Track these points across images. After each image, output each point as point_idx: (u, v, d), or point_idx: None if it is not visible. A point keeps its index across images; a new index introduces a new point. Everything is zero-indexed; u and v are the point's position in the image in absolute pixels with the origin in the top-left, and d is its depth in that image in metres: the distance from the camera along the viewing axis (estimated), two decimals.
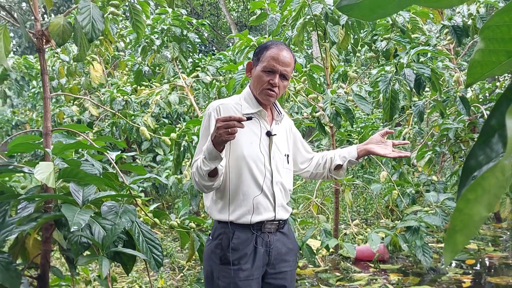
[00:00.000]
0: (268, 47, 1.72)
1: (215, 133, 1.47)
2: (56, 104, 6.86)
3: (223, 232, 1.68)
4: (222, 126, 1.44)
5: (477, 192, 0.33)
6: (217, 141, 1.49)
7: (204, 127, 1.71)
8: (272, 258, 1.72)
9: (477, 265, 3.97)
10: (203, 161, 1.54)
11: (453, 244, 0.34)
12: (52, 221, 1.76)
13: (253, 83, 1.74)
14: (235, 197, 1.67)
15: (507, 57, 0.51)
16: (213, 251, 1.68)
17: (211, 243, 1.72)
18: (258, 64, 1.72)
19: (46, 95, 2.03)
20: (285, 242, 1.77)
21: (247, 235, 1.67)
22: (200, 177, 1.58)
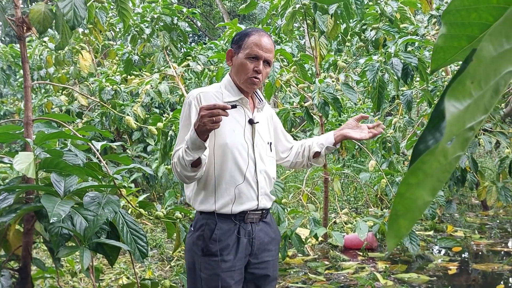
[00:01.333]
0: (249, 33, 1.69)
1: (199, 122, 1.43)
2: (44, 94, 6.79)
3: (205, 223, 1.66)
4: (206, 114, 1.41)
5: (418, 176, 0.32)
6: (201, 130, 1.45)
7: (184, 117, 1.68)
8: (255, 248, 1.71)
9: (463, 253, 4.01)
10: (186, 151, 1.50)
11: (396, 229, 0.34)
12: (33, 212, 1.75)
13: (236, 70, 1.71)
14: (218, 187, 1.65)
15: (468, 42, 0.50)
16: (195, 243, 1.66)
17: (192, 234, 1.70)
18: (240, 51, 1.69)
19: (26, 84, 2.00)
20: (267, 231, 1.76)
21: (230, 226, 1.66)
22: (182, 167, 1.54)
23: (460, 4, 0.48)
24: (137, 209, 2.25)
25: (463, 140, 0.33)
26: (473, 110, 0.32)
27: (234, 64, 1.72)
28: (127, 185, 2.79)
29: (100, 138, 5.53)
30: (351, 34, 4.23)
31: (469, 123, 0.33)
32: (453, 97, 0.31)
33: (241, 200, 1.66)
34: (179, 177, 1.60)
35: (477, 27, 0.49)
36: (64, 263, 2.94)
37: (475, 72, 0.31)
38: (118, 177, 2.05)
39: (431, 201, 0.33)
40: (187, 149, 1.50)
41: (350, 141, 4.71)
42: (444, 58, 0.54)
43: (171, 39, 5.48)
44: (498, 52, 0.31)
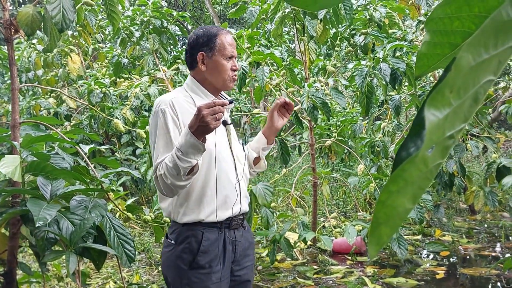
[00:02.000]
0: (218, 34, 1.66)
1: (199, 123, 1.38)
2: (32, 96, 6.73)
3: (190, 234, 1.59)
4: (208, 113, 1.37)
5: (399, 184, 0.32)
6: (201, 131, 1.40)
7: (159, 126, 1.57)
8: (237, 255, 1.69)
9: (451, 257, 4.04)
10: (181, 158, 1.42)
11: (378, 236, 0.34)
12: (19, 216, 1.73)
13: (213, 72, 1.66)
14: (203, 194, 1.60)
15: (451, 49, 0.51)
16: (179, 256, 1.59)
17: (175, 248, 1.61)
18: (214, 53, 1.65)
19: (14, 86, 1.98)
20: (247, 236, 1.75)
21: (216, 235, 1.61)
22: (174, 177, 1.45)
23: (442, 12, 0.49)
24: (125, 213, 2.24)
25: (443, 148, 0.33)
26: (452, 118, 0.33)
27: (210, 67, 1.66)
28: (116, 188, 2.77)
29: (88, 141, 5.49)
30: (340, 39, 4.26)
31: (449, 132, 0.33)
32: (433, 106, 0.31)
33: (227, 206, 1.64)
34: (167, 189, 1.50)
35: (460, 35, 0.50)
36: (50, 267, 2.91)
37: (454, 81, 0.31)
38: (105, 181, 2.03)
39: (412, 209, 0.33)
40: (183, 156, 1.42)
41: (339, 145, 4.73)
42: (427, 65, 0.55)
43: (161, 42, 5.47)
44: (477, 62, 0.32)
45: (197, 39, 1.68)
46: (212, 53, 1.65)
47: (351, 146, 5.49)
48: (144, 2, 5.57)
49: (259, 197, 3.25)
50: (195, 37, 1.69)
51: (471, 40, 0.32)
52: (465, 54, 0.32)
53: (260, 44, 5.12)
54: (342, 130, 5.17)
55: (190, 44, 1.69)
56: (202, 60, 1.67)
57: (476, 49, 0.32)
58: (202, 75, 1.69)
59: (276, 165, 8.74)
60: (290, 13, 3.59)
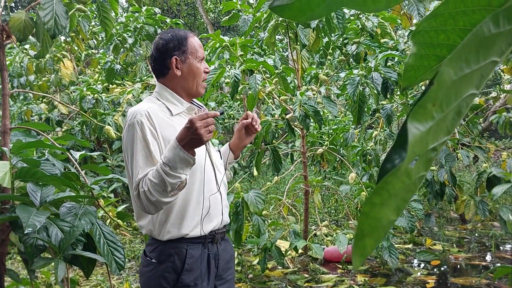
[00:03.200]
0: (187, 37, 1.61)
1: (192, 135, 1.33)
2: (23, 101, 6.69)
3: (173, 252, 1.51)
4: (202, 125, 1.33)
5: (382, 196, 0.32)
6: (192, 145, 1.36)
7: (138, 139, 1.46)
8: (220, 270, 1.64)
9: (442, 266, 4.05)
10: (169, 174, 1.34)
11: (362, 248, 0.34)
12: (8, 222, 1.71)
13: (188, 78, 1.60)
14: (185, 207, 1.52)
15: (437, 62, 0.52)
16: (162, 276, 1.50)
17: (157, 267, 1.52)
18: (188, 56, 1.59)
19: (5, 92, 1.98)
20: (227, 249, 1.70)
21: (199, 251, 1.55)
22: (160, 193, 1.37)
23: (428, 25, 0.50)
24: (115, 220, 2.23)
25: (426, 160, 0.34)
26: (435, 131, 0.33)
27: (185, 72, 1.60)
28: (106, 195, 2.76)
29: (79, 147, 5.46)
30: (332, 47, 4.29)
31: (432, 144, 0.34)
32: (415, 119, 0.32)
33: (210, 218, 1.58)
34: (151, 207, 1.41)
35: (446, 47, 0.51)
36: (39, 274, 2.88)
37: (436, 95, 0.32)
38: (96, 187, 2.02)
39: (395, 220, 0.34)
40: (171, 171, 1.34)
41: (331, 153, 4.75)
42: (414, 76, 0.56)
43: None
44: (459, 76, 0.33)
45: (167, 43, 1.59)
46: (185, 57, 1.58)
47: (343, 154, 5.50)
48: (137, 9, 5.59)
49: (251, 205, 3.24)
50: (164, 42, 1.59)
51: (453, 55, 0.32)
52: (447, 68, 0.32)
53: (254, 52, 5.14)
54: (334, 138, 5.19)
55: (160, 50, 1.59)
56: (176, 65, 1.59)
57: (457, 64, 0.32)
58: (174, 81, 1.61)
59: (268, 173, 8.74)
60: (283, 22, 3.61)
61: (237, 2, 3.95)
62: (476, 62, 0.33)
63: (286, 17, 0.50)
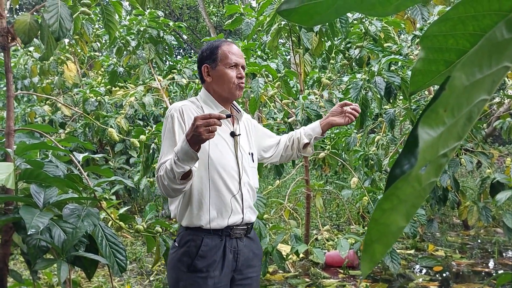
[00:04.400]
0: (219, 45, 1.75)
1: (193, 132, 1.43)
2: (27, 103, 6.71)
3: (191, 239, 1.65)
4: (202, 124, 1.41)
5: (392, 202, 0.32)
6: (195, 141, 1.45)
7: (167, 130, 1.67)
8: (239, 264, 1.71)
9: (444, 272, 4.03)
10: (176, 163, 1.48)
11: (371, 254, 0.34)
12: (11, 223, 1.71)
13: (219, 82, 1.74)
14: (203, 201, 1.64)
15: (446, 66, 0.52)
16: (180, 259, 1.64)
17: (177, 250, 1.67)
18: (218, 63, 1.73)
19: (9, 93, 1.98)
20: (251, 247, 1.77)
21: (216, 242, 1.65)
22: (170, 180, 1.52)
23: (437, 30, 0.49)
24: (117, 222, 2.22)
25: (436, 166, 0.34)
26: (446, 137, 0.33)
27: (214, 78, 1.75)
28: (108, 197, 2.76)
29: (82, 149, 5.47)
30: (335, 51, 4.29)
31: (443, 150, 0.33)
32: (427, 124, 0.31)
33: (227, 214, 1.66)
34: (165, 190, 1.57)
35: (455, 52, 0.51)
36: (41, 275, 2.87)
37: (448, 100, 0.32)
38: (98, 189, 2.03)
39: (405, 226, 0.34)
40: (178, 161, 1.48)
41: (333, 158, 4.74)
42: (422, 81, 0.56)
43: (157, 52, 5.48)
44: (471, 81, 0.32)
45: (202, 54, 1.78)
46: (215, 64, 1.73)
47: (345, 158, 5.50)
48: (141, 12, 5.60)
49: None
50: (200, 53, 1.79)
51: (465, 60, 0.32)
52: (459, 73, 0.32)
53: (256, 56, 5.14)
54: (336, 142, 5.18)
55: (198, 60, 1.80)
56: (207, 72, 1.76)
57: (470, 69, 0.32)
58: (210, 86, 1.77)
59: (270, 176, 8.73)
60: (286, 25, 3.61)
61: (240, 6, 3.96)
62: (488, 67, 0.33)
63: (293, 21, 0.50)
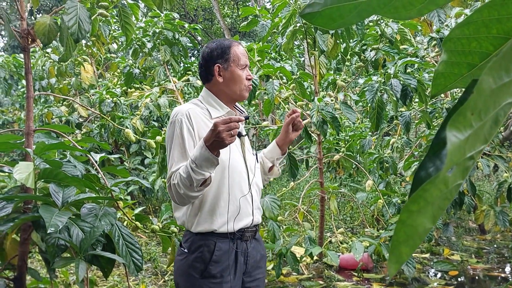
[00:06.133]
0: (230, 45, 1.73)
1: (215, 138, 1.41)
2: (44, 104, 6.81)
3: (203, 244, 1.62)
4: (224, 129, 1.40)
5: (419, 204, 0.33)
6: (216, 146, 1.44)
7: (175, 136, 1.62)
8: (249, 267, 1.71)
9: (460, 277, 3.98)
10: (194, 170, 1.45)
11: (397, 255, 0.34)
12: (31, 222, 1.74)
13: (230, 83, 1.71)
14: (216, 205, 1.63)
15: (469, 69, 0.52)
16: (192, 265, 1.62)
17: (187, 256, 1.64)
18: (230, 64, 1.70)
19: (29, 94, 2.02)
20: (258, 249, 1.78)
21: (228, 246, 1.64)
22: (187, 188, 1.49)
23: (461, 32, 0.49)
24: (134, 222, 2.24)
25: (463, 168, 0.34)
26: (473, 140, 0.33)
27: (226, 79, 1.71)
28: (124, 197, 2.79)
29: (98, 149, 5.53)
30: (350, 53, 4.28)
31: (469, 153, 0.34)
32: (454, 127, 0.32)
33: (240, 217, 1.66)
34: (179, 199, 1.54)
35: (478, 55, 0.51)
36: (58, 274, 2.92)
37: (475, 104, 0.32)
38: (115, 189, 2.05)
39: (431, 228, 0.34)
40: (197, 168, 1.45)
41: (347, 160, 4.72)
42: (444, 84, 0.56)
43: (172, 54, 5.53)
44: (498, 84, 0.33)
45: (211, 52, 1.72)
46: (227, 64, 1.70)
47: (359, 161, 5.47)
48: (157, 14, 5.65)
49: (266, 210, 3.25)
50: (209, 51, 1.73)
51: (493, 64, 0.32)
52: (487, 77, 0.32)
53: (270, 57, 5.15)
54: (351, 145, 5.16)
55: (205, 58, 1.73)
56: (219, 72, 1.71)
57: (497, 72, 0.32)
58: (218, 87, 1.73)
59: (283, 178, 8.72)
60: (301, 27, 3.61)
61: (256, 8, 3.97)
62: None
63: (316, 24, 0.50)
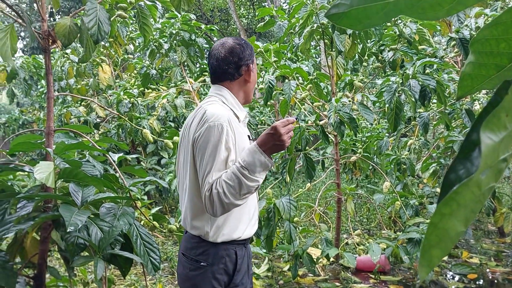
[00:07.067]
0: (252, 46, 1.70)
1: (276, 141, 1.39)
2: (63, 104, 6.91)
3: (224, 254, 1.56)
4: (285, 132, 1.39)
5: (452, 207, 0.32)
6: (274, 150, 1.41)
7: (219, 142, 1.47)
8: (249, 268, 1.73)
9: (479, 280, 3.92)
10: (248, 177, 1.39)
11: (428, 259, 0.34)
12: (51, 221, 1.77)
13: (251, 85, 1.68)
14: (243, 212, 1.59)
15: (497, 70, 0.51)
16: (215, 277, 1.54)
17: (209, 268, 1.55)
18: (254, 66, 1.68)
19: (50, 94, 2.05)
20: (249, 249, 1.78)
21: (243, 252, 1.63)
22: (234, 196, 1.41)
23: (489, 33, 0.49)
24: (151, 221, 2.26)
25: (496, 171, 0.33)
26: (507, 142, 0.32)
27: (251, 80, 1.67)
28: (140, 197, 2.81)
29: (115, 149, 5.59)
30: (368, 54, 4.25)
31: (503, 155, 0.33)
32: (489, 129, 0.31)
33: (254, 221, 1.66)
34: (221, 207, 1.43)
35: (506, 56, 0.50)
36: (77, 272, 2.95)
37: (510, 105, 0.31)
38: (133, 189, 2.07)
39: (464, 232, 0.33)
40: (250, 174, 1.39)
41: (364, 161, 4.69)
42: (471, 85, 0.55)
43: (189, 55, 5.56)
44: None
45: (245, 50, 1.63)
46: (253, 66, 1.66)
47: (376, 162, 5.42)
48: (173, 15, 5.69)
49: (282, 211, 3.24)
50: (242, 49, 1.63)
51: None
52: None
53: (287, 58, 5.14)
54: (368, 146, 5.12)
55: (238, 55, 1.62)
56: (248, 72, 1.65)
57: None
58: (241, 87, 1.65)
59: (300, 179, 8.70)
60: (319, 28, 3.60)
61: (273, 8, 3.97)
62: None
63: (342, 25, 0.50)
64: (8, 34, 2.01)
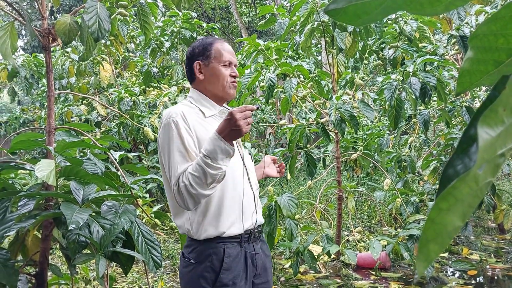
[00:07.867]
0: (212, 43, 1.69)
1: (232, 127, 1.40)
2: (64, 103, 6.91)
3: (211, 252, 1.55)
4: (241, 117, 1.40)
5: (449, 202, 0.32)
6: (232, 136, 1.42)
7: (174, 137, 1.52)
8: (258, 269, 1.67)
9: (479, 276, 3.92)
10: (210, 165, 1.41)
11: (426, 254, 0.34)
12: (52, 219, 1.77)
13: (212, 80, 1.67)
14: (222, 206, 1.57)
15: (495, 66, 0.51)
16: (202, 276, 1.55)
17: (196, 267, 1.56)
18: (211, 61, 1.66)
19: (50, 93, 2.05)
20: (264, 250, 1.74)
21: (237, 250, 1.59)
22: (201, 186, 1.43)
23: (487, 29, 0.49)
24: (153, 219, 2.27)
25: (494, 166, 0.34)
26: (504, 136, 0.33)
27: (208, 76, 1.67)
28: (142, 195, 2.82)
29: (117, 148, 5.60)
30: (368, 52, 4.24)
31: (500, 150, 0.33)
32: (486, 123, 0.31)
33: (245, 216, 1.63)
34: (191, 200, 1.46)
35: (505, 52, 0.50)
36: (78, 270, 2.97)
37: (508, 99, 0.31)
38: (135, 187, 2.07)
39: (461, 227, 0.34)
40: (212, 162, 1.41)
41: (365, 159, 4.69)
42: (470, 81, 0.55)
43: None
44: None
45: (193, 50, 1.69)
46: (208, 61, 1.66)
47: (377, 160, 5.43)
48: (175, 13, 5.69)
49: (284, 208, 3.24)
50: (191, 49, 1.71)
51: None
52: None
53: (288, 56, 5.14)
54: (369, 143, 5.12)
55: (187, 57, 1.71)
56: (199, 69, 1.67)
57: None
58: (202, 85, 1.69)
59: (301, 177, 8.70)
60: (319, 26, 3.59)
61: (273, 6, 3.96)
62: None
63: (340, 20, 0.50)
64: (8, 32, 2.01)
